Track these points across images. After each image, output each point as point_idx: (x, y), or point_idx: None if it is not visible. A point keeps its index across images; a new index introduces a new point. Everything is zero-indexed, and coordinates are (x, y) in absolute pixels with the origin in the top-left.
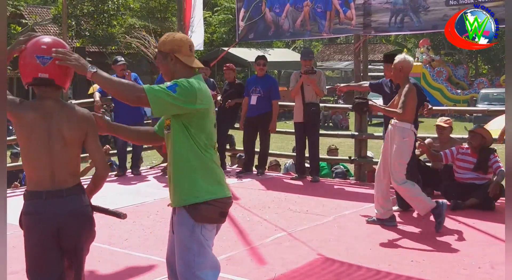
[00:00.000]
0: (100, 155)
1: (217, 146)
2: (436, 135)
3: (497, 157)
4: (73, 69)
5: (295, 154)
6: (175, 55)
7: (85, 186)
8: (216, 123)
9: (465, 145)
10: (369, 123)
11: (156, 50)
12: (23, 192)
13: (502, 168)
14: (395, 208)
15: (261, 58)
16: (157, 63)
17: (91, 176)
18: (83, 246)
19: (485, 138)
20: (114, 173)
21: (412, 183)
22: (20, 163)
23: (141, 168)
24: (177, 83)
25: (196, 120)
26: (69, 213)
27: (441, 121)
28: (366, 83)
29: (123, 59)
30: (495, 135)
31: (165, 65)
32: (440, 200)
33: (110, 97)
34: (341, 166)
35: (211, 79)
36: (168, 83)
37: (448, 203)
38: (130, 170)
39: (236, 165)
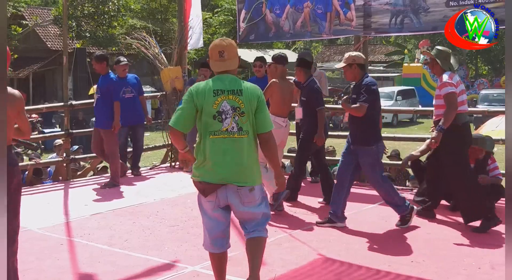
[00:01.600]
0: (27, 123)
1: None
2: None
3: (495, 163)
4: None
5: (293, 154)
6: (209, 60)
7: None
8: (217, 115)
9: None
10: None
11: (156, 50)
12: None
13: (500, 175)
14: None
15: (258, 59)
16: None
17: (91, 176)
18: (16, 185)
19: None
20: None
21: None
22: (24, 163)
23: (141, 169)
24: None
25: (197, 114)
26: (8, 163)
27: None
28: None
29: (125, 59)
30: (496, 135)
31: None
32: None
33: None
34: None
35: None
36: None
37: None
38: (130, 171)
39: None
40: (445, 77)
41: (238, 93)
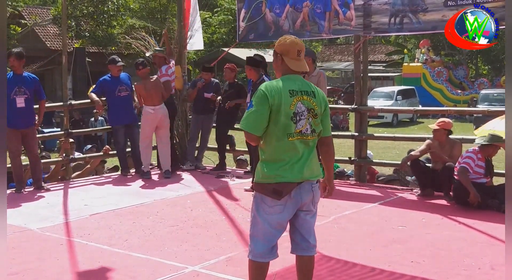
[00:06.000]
0: None
1: (297, 136)
2: None
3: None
4: None
5: None
6: (283, 57)
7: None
8: (293, 116)
9: (470, 149)
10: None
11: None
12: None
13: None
14: None
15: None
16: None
17: (90, 177)
18: None
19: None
20: (118, 173)
21: (144, 146)
22: (24, 163)
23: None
24: (252, 99)
25: (271, 115)
26: None
27: (434, 123)
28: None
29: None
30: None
31: (274, 63)
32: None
33: (104, 98)
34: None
35: (216, 81)
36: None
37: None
38: (133, 171)
39: (235, 166)
40: (163, 69)
41: (311, 94)
